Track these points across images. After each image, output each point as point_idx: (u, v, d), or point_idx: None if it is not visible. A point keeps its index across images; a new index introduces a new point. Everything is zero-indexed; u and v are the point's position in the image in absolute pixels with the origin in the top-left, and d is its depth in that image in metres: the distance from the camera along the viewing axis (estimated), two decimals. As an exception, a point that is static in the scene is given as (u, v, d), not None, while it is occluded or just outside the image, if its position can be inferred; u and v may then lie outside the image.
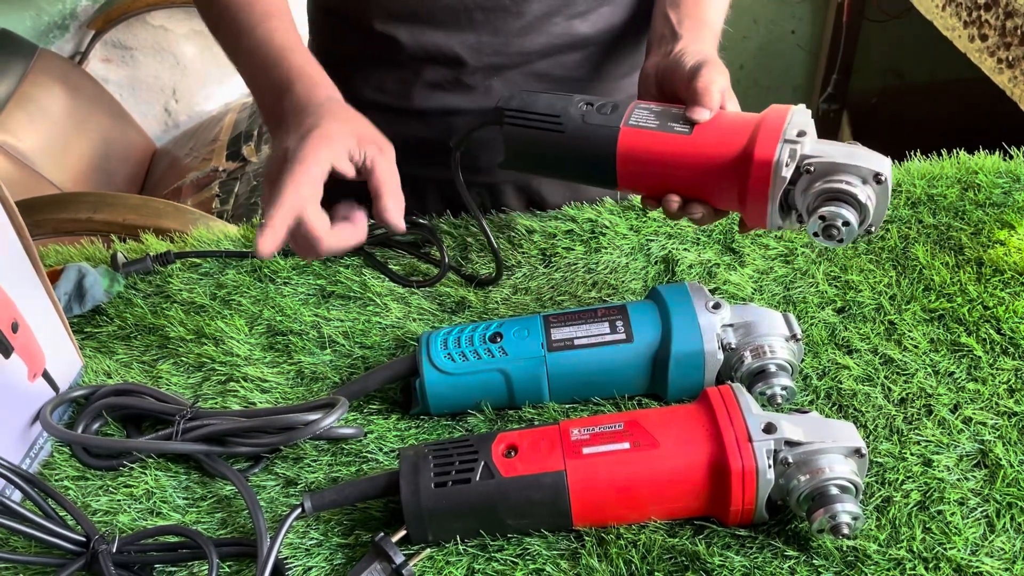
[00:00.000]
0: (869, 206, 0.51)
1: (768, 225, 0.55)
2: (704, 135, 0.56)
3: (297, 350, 0.66)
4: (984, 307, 0.64)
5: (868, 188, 0.51)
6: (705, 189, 0.56)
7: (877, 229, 0.53)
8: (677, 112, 0.57)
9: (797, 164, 0.52)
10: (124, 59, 1.95)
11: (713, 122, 0.56)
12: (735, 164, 0.54)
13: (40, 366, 0.61)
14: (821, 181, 0.52)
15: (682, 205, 0.57)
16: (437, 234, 0.74)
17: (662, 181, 0.57)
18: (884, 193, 0.52)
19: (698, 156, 0.55)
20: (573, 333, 0.58)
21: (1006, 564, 0.48)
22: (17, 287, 0.58)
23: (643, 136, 0.57)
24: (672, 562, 0.49)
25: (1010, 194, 0.76)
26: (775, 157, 0.52)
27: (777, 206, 0.54)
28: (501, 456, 0.50)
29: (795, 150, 0.52)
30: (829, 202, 0.51)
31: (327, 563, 0.51)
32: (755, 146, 0.53)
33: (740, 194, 0.54)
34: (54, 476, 0.58)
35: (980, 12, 1.24)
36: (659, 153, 0.57)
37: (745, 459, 0.48)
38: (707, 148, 0.55)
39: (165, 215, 1.08)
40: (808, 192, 0.52)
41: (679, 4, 0.67)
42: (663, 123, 0.57)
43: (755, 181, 0.53)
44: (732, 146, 0.54)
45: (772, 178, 0.52)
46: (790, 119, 0.54)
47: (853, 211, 0.51)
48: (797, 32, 2.32)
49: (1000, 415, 0.56)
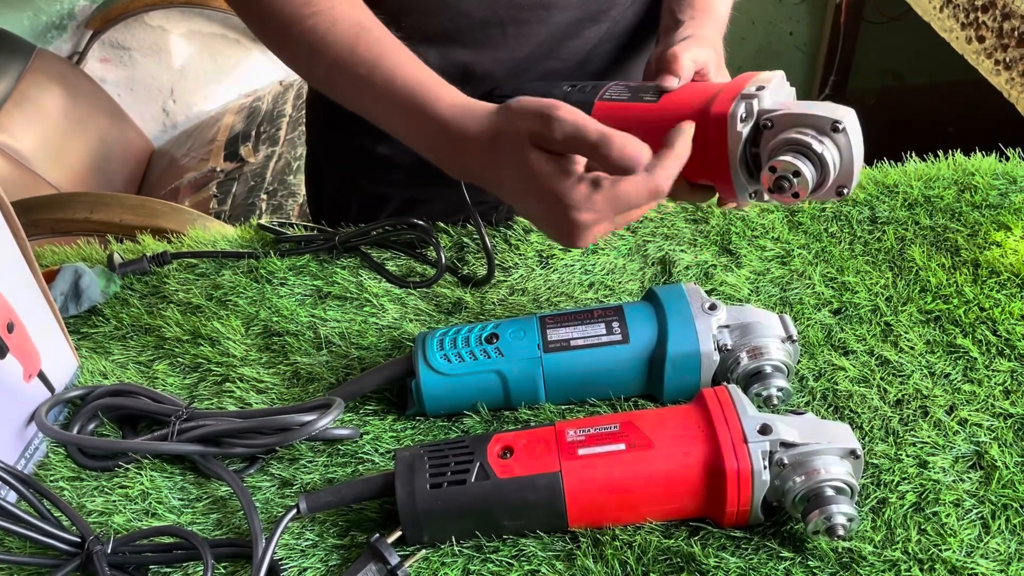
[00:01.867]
0: (828, 158, 0.49)
1: (737, 192, 0.54)
2: (669, 101, 0.56)
3: (293, 351, 0.66)
4: (980, 309, 0.64)
5: (826, 139, 0.50)
6: None
7: (850, 190, 0.51)
8: (649, 86, 0.58)
9: (756, 120, 0.51)
10: (122, 59, 1.95)
11: (681, 90, 0.57)
12: (695, 123, 0.53)
13: (36, 366, 0.60)
14: (779, 134, 0.51)
15: None
16: (434, 235, 0.74)
17: None
18: (847, 144, 0.50)
19: (662, 120, 0.55)
20: (569, 334, 0.58)
21: (1001, 566, 0.48)
22: (13, 287, 0.58)
23: (614, 108, 0.58)
24: (667, 563, 0.49)
25: (1007, 196, 0.76)
26: (730, 110, 0.51)
27: (739, 168, 0.53)
28: (497, 457, 0.50)
29: (751, 104, 0.51)
30: (783, 154, 0.50)
31: (322, 564, 0.51)
32: (713, 103, 0.52)
33: (704, 157, 0.53)
34: (49, 477, 0.58)
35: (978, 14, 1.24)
36: (627, 122, 0.56)
37: (740, 460, 0.48)
38: (670, 112, 0.55)
39: (162, 215, 1.08)
40: (767, 149, 0.51)
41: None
42: (634, 95, 0.57)
43: (713, 139, 0.52)
44: (693, 107, 0.54)
45: (728, 133, 0.51)
46: (754, 80, 0.53)
47: (807, 163, 0.49)
48: (795, 34, 2.32)
49: (996, 417, 0.56)
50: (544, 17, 0.71)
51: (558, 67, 0.74)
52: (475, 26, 0.70)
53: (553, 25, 0.71)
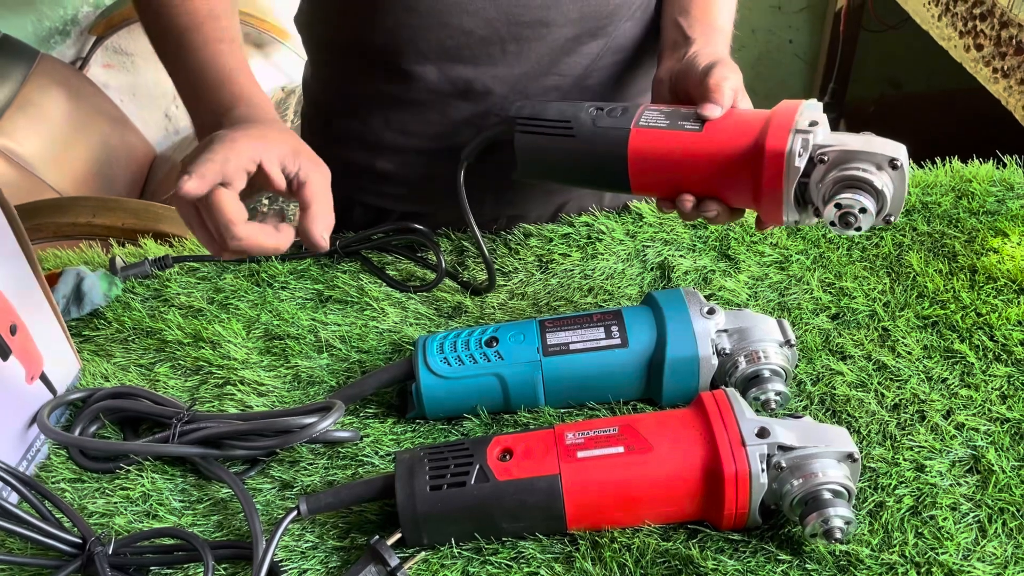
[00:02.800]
0: (886, 192, 0.51)
1: (784, 220, 0.55)
2: (715, 131, 0.56)
3: (294, 354, 0.67)
4: (977, 314, 0.65)
5: (884, 174, 0.51)
6: (718, 186, 0.56)
7: (896, 217, 0.52)
8: (687, 112, 0.57)
9: (810, 154, 0.52)
10: (125, 65, 1.96)
11: (724, 119, 0.56)
12: (747, 158, 0.54)
13: (38, 368, 0.61)
14: (836, 170, 0.52)
15: (696, 204, 0.57)
16: (434, 240, 0.74)
17: (675, 180, 0.57)
18: (901, 179, 0.51)
19: (710, 152, 0.55)
20: (569, 338, 0.59)
21: (997, 569, 0.48)
22: (16, 290, 0.59)
23: (654, 136, 0.57)
24: (666, 566, 0.49)
25: (1003, 202, 0.77)
26: (787, 147, 0.52)
27: (792, 199, 0.53)
28: (496, 460, 0.50)
29: (807, 140, 0.52)
30: (845, 190, 0.51)
31: (322, 566, 0.51)
32: (767, 138, 0.53)
33: (754, 189, 0.54)
34: (51, 479, 0.58)
35: (976, 22, 1.25)
36: (670, 151, 0.57)
37: (739, 463, 0.48)
38: (719, 144, 0.55)
39: (164, 219, 1.09)
40: (823, 182, 0.52)
41: (688, 11, 0.68)
42: (673, 122, 0.57)
43: (768, 173, 0.53)
44: (744, 140, 0.54)
45: (785, 169, 0.52)
46: (801, 111, 0.54)
47: (870, 198, 0.51)
48: (795, 42, 2.33)
49: (992, 421, 0.57)
50: (543, 34, 0.71)
51: (557, 83, 0.74)
52: (475, 43, 0.70)
53: (552, 41, 0.72)
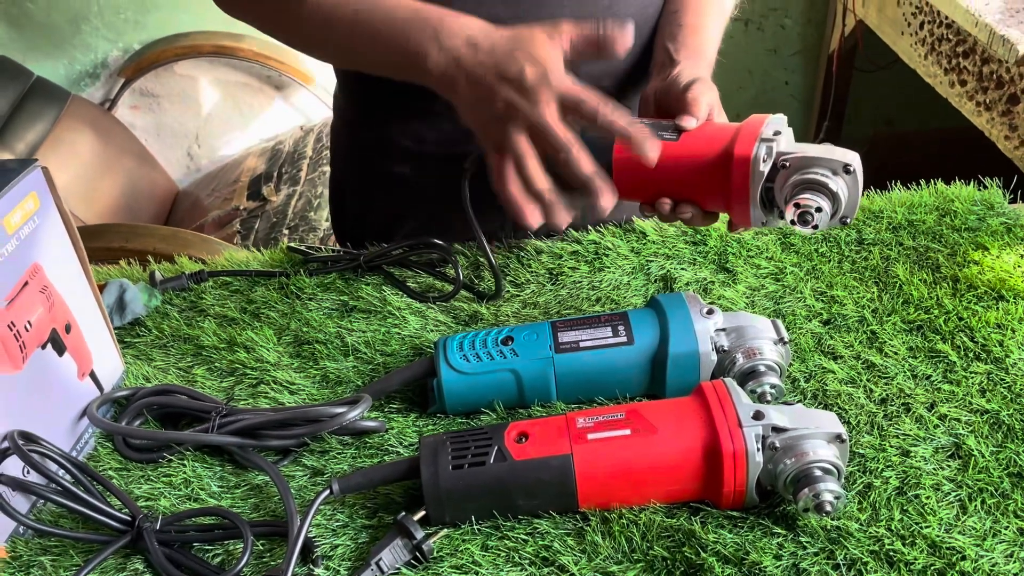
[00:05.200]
0: (841, 195, 0.58)
1: (751, 221, 0.61)
2: (691, 140, 0.63)
3: (322, 357, 0.71)
4: (959, 318, 0.69)
5: (839, 179, 0.58)
6: (693, 189, 0.63)
7: (852, 219, 0.59)
8: (666, 123, 0.64)
9: (774, 161, 0.59)
10: (151, 106, 2.05)
11: (699, 130, 0.63)
12: (718, 163, 0.60)
13: (88, 366, 0.66)
14: (797, 174, 0.58)
15: (673, 207, 0.63)
16: (452, 254, 0.80)
17: (654, 185, 0.64)
18: (855, 183, 0.58)
19: (685, 158, 0.62)
20: (579, 336, 0.63)
21: (977, 540, 0.52)
22: (71, 293, 0.64)
23: None
24: (670, 539, 0.53)
25: (984, 220, 0.82)
26: (753, 153, 0.59)
27: (758, 201, 0.60)
28: (513, 442, 0.55)
29: (771, 147, 0.59)
30: (804, 191, 0.58)
31: (352, 542, 0.55)
32: (735, 145, 0.60)
33: (724, 192, 0.60)
34: (98, 467, 0.63)
35: (959, 59, 1.32)
36: None
37: (736, 443, 0.52)
38: (693, 151, 0.62)
39: (193, 245, 1.15)
40: (785, 185, 0.59)
41: (676, 36, 0.75)
42: (653, 132, 0.63)
43: (736, 177, 0.59)
44: (715, 147, 0.61)
45: (751, 173, 0.59)
46: (767, 123, 0.60)
47: (826, 199, 0.57)
48: (791, 83, 2.42)
49: (973, 412, 0.61)
50: None
51: None
52: None
53: None
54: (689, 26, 0.76)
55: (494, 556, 0.53)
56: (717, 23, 0.78)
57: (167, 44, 1.98)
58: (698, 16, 0.77)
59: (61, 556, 0.56)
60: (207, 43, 1.95)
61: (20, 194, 0.58)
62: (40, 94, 1.74)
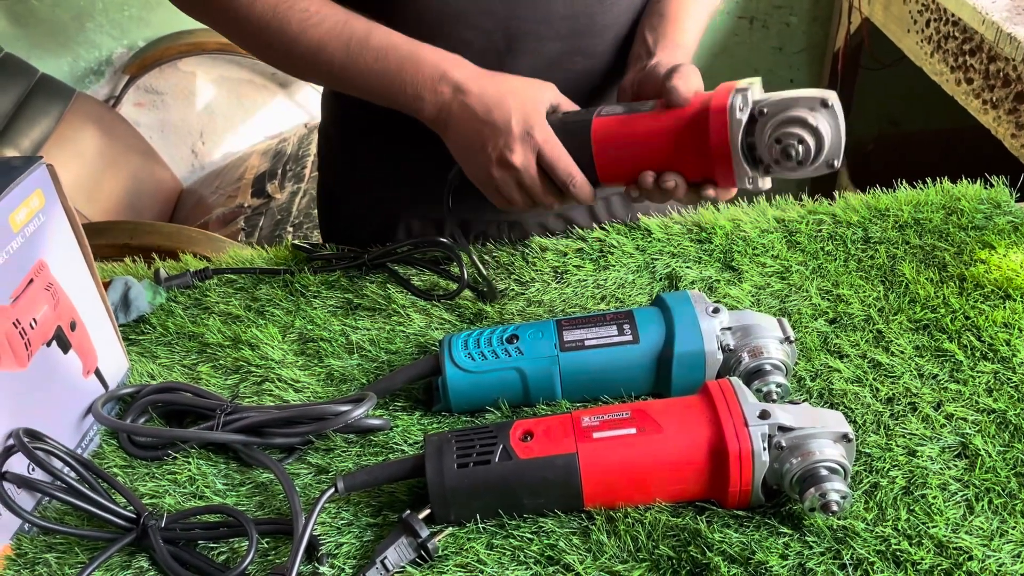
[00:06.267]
0: (822, 130, 0.58)
1: (737, 179, 0.62)
2: (667, 109, 0.63)
3: (327, 355, 0.71)
4: (966, 317, 0.69)
5: (818, 114, 0.58)
6: (675, 156, 0.63)
7: (839, 162, 0.59)
8: (642, 103, 0.65)
9: (751, 110, 0.59)
10: (155, 103, 2.05)
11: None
12: (696, 121, 0.61)
13: (93, 363, 0.66)
14: (776, 116, 0.59)
15: (656, 179, 0.64)
16: (457, 252, 0.79)
17: (634, 159, 0.65)
18: (834, 119, 0.58)
19: (663, 125, 0.63)
20: (584, 335, 0.63)
21: (984, 540, 0.52)
22: (76, 291, 0.64)
23: (613, 120, 0.65)
24: (675, 539, 0.53)
25: (991, 218, 0.82)
26: (729, 102, 0.60)
27: (740, 155, 0.60)
28: (518, 440, 0.55)
29: (747, 96, 0.60)
30: (784, 128, 0.59)
31: (357, 540, 0.55)
32: (711, 100, 0.61)
33: (705, 150, 0.61)
34: (103, 465, 0.63)
35: (966, 57, 1.32)
36: (629, 130, 0.65)
37: (742, 442, 0.52)
38: (670, 116, 0.63)
39: (197, 242, 1.15)
40: (766, 130, 0.59)
41: (656, 27, 0.75)
42: (629, 108, 0.65)
43: (715, 130, 0.60)
44: (692, 108, 0.62)
45: (729, 122, 0.59)
46: (740, 82, 0.61)
47: (809, 133, 0.58)
48: (796, 81, 2.41)
49: (980, 412, 0.61)
50: (535, 48, 0.78)
51: None
52: (474, 54, 0.77)
53: (543, 56, 0.79)
54: (670, 17, 0.76)
55: (499, 555, 0.53)
56: (700, 15, 0.78)
57: (171, 41, 1.98)
58: (680, 6, 0.77)
59: (66, 553, 0.56)
60: (211, 40, 1.95)
61: (25, 191, 0.58)
62: (45, 91, 1.74)
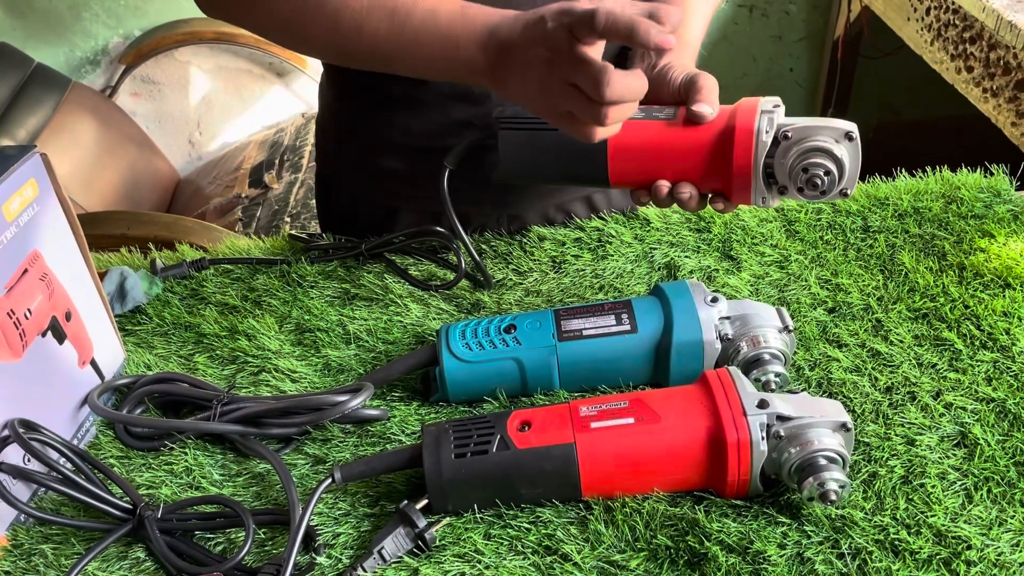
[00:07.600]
0: (844, 161, 0.59)
1: (752, 197, 0.61)
2: (687, 122, 0.62)
3: (324, 345, 0.71)
4: (965, 306, 0.69)
5: (841, 146, 0.59)
6: (692, 169, 0.63)
7: (852, 190, 0.60)
8: (659, 107, 0.64)
9: (775, 133, 0.59)
10: (152, 93, 2.04)
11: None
12: (720, 138, 0.61)
13: (89, 354, 0.66)
14: (801, 142, 0.59)
15: (670, 190, 0.63)
16: (454, 242, 0.79)
17: (651, 167, 0.64)
18: (855, 151, 0.59)
19: (684, 136, 0.62)
20: (582, 325, 0.63)
21: (983, 530, 0.51)
22: (71, 281, 0.64)
23: (631, 124, 0.63)
24: (673, 528, 0.53)
25: (991, 207, 0.81)
26: (755, 125, 0.60)
27: (760, 176, 0.60)
28: (516, 430, 0.55)
29: (772, 119, 0.60)
30: (811, 156, 0.59)
31: (354, 530, 0.55)
32: (736, 119, 0.60)
33: (725, 167, 0.61)
34: (100, 456, 0.63)
35: (966, 45, 1.31)
36: (648, 137, 0.63)
37: (740, 431, 0.52)
38: (691, 129, 0.62)
39: (194, 232, 1.14)
40: (788, 155, 0.59)
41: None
42: (648, 113, 0.63)
43: (739, 150, 0.60)
44: (715, 124, 0.61)
45: (754, 145, 0.59)
46: (764, 101, 0.61)
47: (833, 163, 0.59)
48: (795, 70, 2.40)
49: (979, 401, 0.60)
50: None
51: None
52: None
53: None
54: None
55: (497, 545, 0.53)
56: (704, 12, 0.78)
57: (167, 31, 1.97)
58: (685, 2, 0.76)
59: (62, 544, 0.56)
60: (207, 29, 1.94)
61: (18, 181, 0.58)
62: (41, 81, 1.73)
